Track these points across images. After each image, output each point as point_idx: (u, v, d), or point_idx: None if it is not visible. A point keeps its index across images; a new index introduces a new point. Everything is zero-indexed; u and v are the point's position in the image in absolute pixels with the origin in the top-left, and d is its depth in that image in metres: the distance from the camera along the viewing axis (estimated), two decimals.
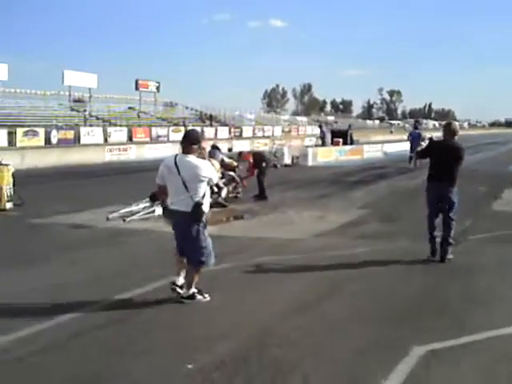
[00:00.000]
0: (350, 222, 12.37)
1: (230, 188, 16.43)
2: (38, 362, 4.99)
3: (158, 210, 13.18)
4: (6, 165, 13.98)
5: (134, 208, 13.31)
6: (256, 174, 16.70)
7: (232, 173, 16.62)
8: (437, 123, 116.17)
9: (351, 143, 35.54)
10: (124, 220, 12.32)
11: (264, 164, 16.84)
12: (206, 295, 6.74)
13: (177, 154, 6.62)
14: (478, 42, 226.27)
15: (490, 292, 7.17)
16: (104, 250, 9.73)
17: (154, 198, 13.76)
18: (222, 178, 15.83)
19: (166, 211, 6.78)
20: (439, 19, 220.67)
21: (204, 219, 6.53)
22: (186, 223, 6.47)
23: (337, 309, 6.49)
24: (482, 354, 5.16)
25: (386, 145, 39.52)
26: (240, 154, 18.01)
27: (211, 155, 16.04)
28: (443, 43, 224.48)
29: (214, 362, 4.93)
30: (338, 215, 13.22)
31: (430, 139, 9.61)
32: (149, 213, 13.07)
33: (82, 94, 55.80)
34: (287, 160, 29.40)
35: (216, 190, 15.12)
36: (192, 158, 6.47)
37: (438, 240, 8.77)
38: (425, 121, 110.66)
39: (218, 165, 15.44)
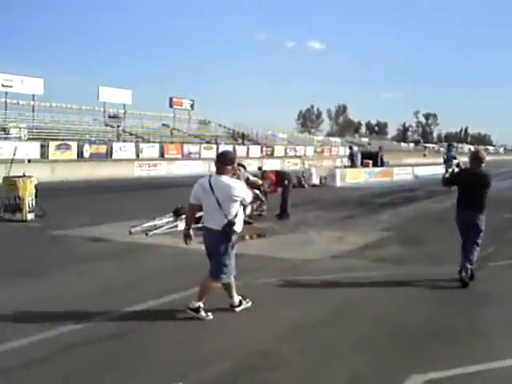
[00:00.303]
0: (370, 244, 12.15)
1: (255, 206, 16.46)
2: (23, 375, 4.97)
3: (181, 225, 13.33)
4: (29, 177, 14.14)
5: (157, 222, 13.35)
6: (281, 192, 16.72)
7: (257, 191, 16.63)
8: (472, 147, 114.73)
9: (381, 165, 35.25)
10: (146, 234, 12.33)
11: (286, 182, 16.87)
12: (209, 314, 6.69)
13: (211, 175, 6.80)
14: None
15: (499, 322, 6.88)
16: (118, 263, 9.75)
17: (177, 213, 13.89)
18: None
19: (202, 228, 6.93)
20: (475, 43, 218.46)
21: (234, 238, 6.65)
22: (216, 240, 6.62)
23: (338, 334, 6.29)
24: None
25: (418, 168, 39.08)
26: (263, 172, 17.92)
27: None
28: (481, 67, 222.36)
29: (205, 381, 4.82)
30: (359, 237, 13.01)
31: (458, 165, 9.54)
32: (172, 227, 13.10)
33: (116, 110, 56.54)
34: (315, 180, 29.31)
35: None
36: (226, 179, 6.63)
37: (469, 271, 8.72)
38: (460, 145, 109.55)
39: (243, 183, 15.54)
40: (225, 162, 6.72)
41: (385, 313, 7.17)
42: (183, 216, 13.65)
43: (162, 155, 45.07)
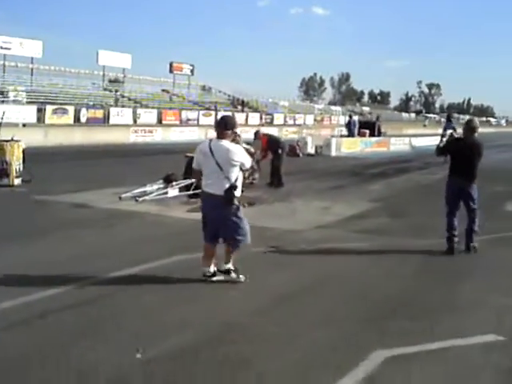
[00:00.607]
0: (356, 215, 12.09)
1: (246, 174, 16.19)
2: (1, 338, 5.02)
3: (171, 192, 13.39)
4: (17, 141, 13.97)
5: (147, 189, 13.30)
6: (271, 161, 16.50)
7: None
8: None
9: (378, 135, 34.98)
10: (136, 200, 12.30)
11: (280, 150, 16.64)
12: (241, 276, 6.89)
13: (211, 139, 6.84)
14: None
15: (472, 297, 6.82)
16: (99, 230, 9.70)
17: (167, 180, 13.81)
18: None
19: (201, 193, 7.13)
20: (482, 13, 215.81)
21: (236, 202, 6.66)
22: (219, 206, 6.61)
23: (308, 308, 6.20)
24: (443, 362, 4.87)
25: (415, 138, 38.84)
26: (256, 132, 17.59)
27: None
28: (485, 38, 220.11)
29: (165, 352, 4.78)
30: (347, 207, 12.93)
31: (451, 135, 9.52)
32: (161, 194, 13.10)
33: (116, 74, 56.10)
34: (310, 149, 29.10)
35: None
36: (225, 143, 6.67)
37: (456, 239, 8.86)
38: (462, 116, 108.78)
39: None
40: (225, 126, 6.76)
41: (361, 285, 7.12)
42: (174, 183, 13.66)
43: (159, 121, 44.79)
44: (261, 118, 57.82)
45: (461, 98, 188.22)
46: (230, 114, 53.13)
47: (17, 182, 13.76)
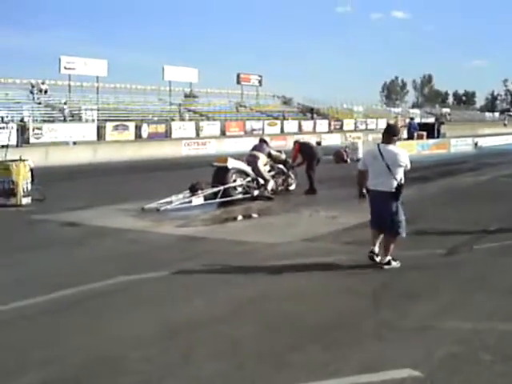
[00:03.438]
0: (360, 224, 10.93)
1: (280, 181, 16.02)
2: None
3: (196, 201, 13.34)
4: (23, 160, 13.90)
5: (173, 199, 13.18)
6: (305, 169, 16.19)
7: (281, 166, 16.03)
8: None
9: (437, 136, 33.34)
10: (158, 210, 12.37)
11: (312, 157, 16.26)
12: (397, 261, 7.84)
13: (379, 144, 7.88)
14: None
15: (417, 321, 5.84)
16: (63, 250, 9.29)
17: (193, 189, 13.54)
18: (269, 170, 15.49)
19: (367, 191, 8.04)
20: None
21: (400, 198, 7.75)
22: (387, 201, 7.69)
23: (215, 336, 5.47)
24: None
25: (482, 138, 36.83)
26: (295, 142, 17.35)
27: (258, 148, 15.56)
28: None
29: None
30: (357, 216, 11.81)
31: None
32: (185, 202, 13.10)
33: (189, 89, 56.57)
34: (361, 155, 27.88)
35: (262, 182, 14.65)
36: (393, 147, 7.81)
37: None
38: None
39: (264, 157, 15.28)
40: (393, 133, 8.16)
41: (295, 307, 6.32)
42: (199, 192, 13.42)
43: (223, 133, 44.66)
44: (329, 125, 56.82)
45: None
46: (296, 122, 52.62)
47: (25, 201, 13.64)
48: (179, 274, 7.60)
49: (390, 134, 8.00)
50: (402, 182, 7.71)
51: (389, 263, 7.80)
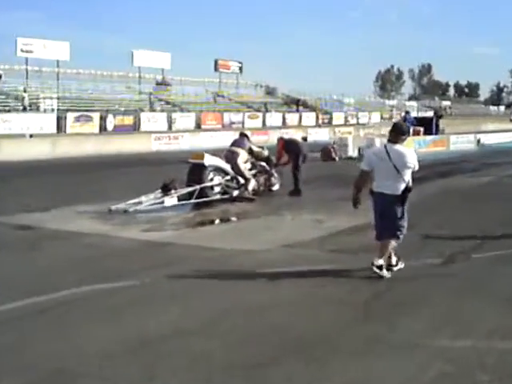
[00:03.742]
0: (348, 229, 11.24)
1: (262, 180, 15.95)
2: None
3: (168, 201, 13.34)
4: None
5: (143, 199, 13.19)
6: (291, 168, 16.14)
7: (264, 163, 16.00)
8: None
9: (436, 133, 33.58)
10: (125, 211, 12.39)
11: (297, 156, 16.17)
12: (389, 272, 7.98)
13: (385, 144, 8.00)
14: None
15: (401, 339, 5.88)
16: (11, 256, 9.27)
17: (165, 189, 13.51)
18: (250, 169, 15.43)
19: (371, 194, 8.14)
20: None
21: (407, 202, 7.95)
22: (392, 204, 7.86)
23: (178, 351, 5.50)
24: None
25: (485, 135, 37.16)
26: (279, 139, 17.41)
27: (238, 144, 15.53)
28: None
29: None
30: (345, 220, 11.96)
31: None
32: (156, 203, 13.13)
33: (161, 76, 56.38)
34: (351, 152, 27.92)
35: (242, 181, 14.62)
36: (400, 147, 7.87)
37: None
38: None
39: (245, 154, 15.30)
40: (401, 132, 8.05)
41: (270, 320, 6.35)
42: (172, 191, 13.39)
43: (198, 126, 44.57)
44: (317, 118, 57.01)
45: None
46: (280, 115, 52.75)
47: None
48: (145, 283, 7.61)
49: (397, 132, 8.00)
50: (410, 184, 7.87)
51: (380, 268, 7.89)
